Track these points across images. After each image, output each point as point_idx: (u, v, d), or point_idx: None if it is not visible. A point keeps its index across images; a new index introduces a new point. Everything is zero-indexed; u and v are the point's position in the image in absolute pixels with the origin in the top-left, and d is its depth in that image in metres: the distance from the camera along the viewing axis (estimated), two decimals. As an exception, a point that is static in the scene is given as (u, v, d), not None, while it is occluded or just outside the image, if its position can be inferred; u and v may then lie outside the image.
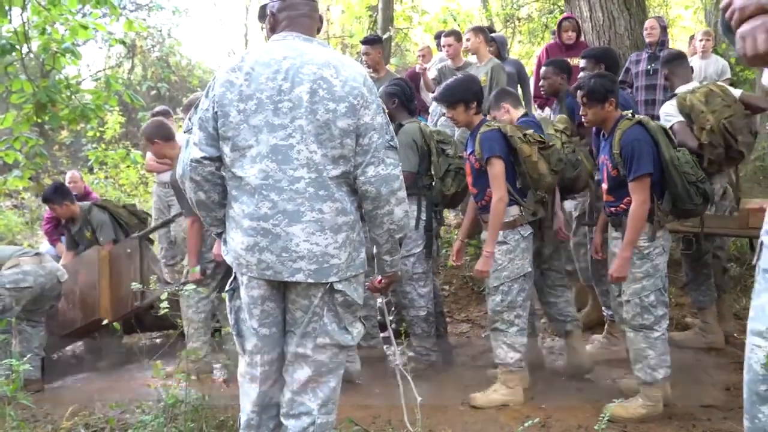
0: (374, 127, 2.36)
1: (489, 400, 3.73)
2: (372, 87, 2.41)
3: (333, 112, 2.29)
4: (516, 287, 3.75)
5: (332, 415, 2.51)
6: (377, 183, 2.36)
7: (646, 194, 3.38)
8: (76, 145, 14.53)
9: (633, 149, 3.37)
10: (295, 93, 2.30)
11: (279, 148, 2.30)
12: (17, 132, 6.05)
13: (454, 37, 6.57)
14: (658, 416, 3.48)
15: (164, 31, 18.01)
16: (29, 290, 4.69)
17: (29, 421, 3.79)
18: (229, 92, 2.33)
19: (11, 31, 5.99)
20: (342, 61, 2.40)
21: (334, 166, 2.33)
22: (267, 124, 2.30)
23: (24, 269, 4.71)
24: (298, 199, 2.31)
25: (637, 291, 3.48)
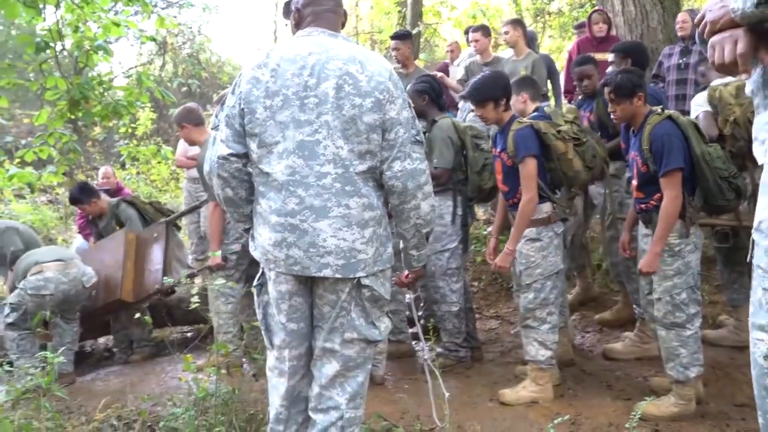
0: (400, 122, 2.35)
1: (518, 397, 3.71)
2: (397, 82, 2.40)
3: (359, 107, 2.29)
4: (549, 284, 3.73)
5: (360, 410, 2.52)
6: (404, 178, 2.36)
7: (677, 189, 3.32)
8: (109, 141, 14.76)
9: (663, 144, 3.32)
10: (321, 89, 2.30)
11: (305, 144, 2.31)
12: (51, 128, 6.16)
13: (482, 32, 6.52)
14: (690, 415, 3.43)
15: (194, 28, 18.18)
16: (51, 297, 4.76)
17: (63, 413, 3.86)
18: (255, 89, 2.34)
19: (45, 29, 6.09)
20: (367, 56, 2.40)
21: (360, 162, 2.33)
22: (293, 120, 2.31)
23: (46, 276, 4.79)
24: (325, 194, 2.31)
25: (668, 289, 3.43)
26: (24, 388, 3.14)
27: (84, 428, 3.60)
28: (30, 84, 6.55)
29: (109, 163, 11.48)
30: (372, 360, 2.59)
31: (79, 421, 3.80)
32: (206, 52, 18.19)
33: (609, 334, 4.78)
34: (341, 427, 2.44)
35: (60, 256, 5.00)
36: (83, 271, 5.00)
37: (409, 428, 3.38)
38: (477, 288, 5.82)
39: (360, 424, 2.55)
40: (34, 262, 4.90)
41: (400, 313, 4.51)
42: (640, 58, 4.45)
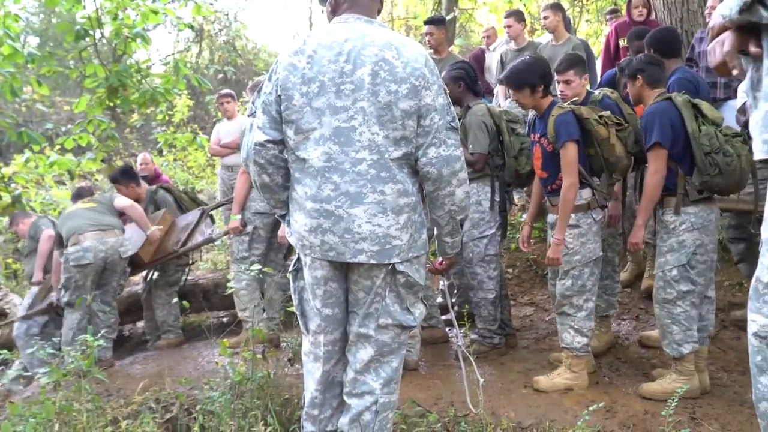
0: (435, 108, 2.34)
1: (553, 384, 3.68)
2: (433, 68, 2.39)
3: (395, 93, 2.29)
4: (587, 271, 3.69)
5: (394, 395, 2.53)
6: (439, 164, 2.34)
7: (657, 164, 3.45)
8: (146, 128, 14.96)
9: (647, 121, 3.50)
10: (357, 75, 2.30)
11: (341, 131, 2.31)
12: (91, 115, 6.25)
13: (515, 17, 6.42)
14: (726, 402, 3.39)
15: (230, 15, 18.29)
16: (91, 266, 4.91)
17: (103, 395, 3.94)
18: (292, 75, 2.34)
19: (85, 17, 6.17)
20: (403, 42, 2.38)
21: (395, 148, 2.33)
22: (329, 107, 2.31)
23: (84, 245, 4.92)
24: (360, 180, 2.32)
25: (660, 265, 3.52)
26: (65, 371, 3.21)
27: (123, 410, 3.67)
28: (70, 72, 6.66)
29: (147, 150, 11.64)
30: (406, 345, 2.60)
31: (118, 403, 3.88)
32: (242, 38, 18.32)
33: (645, 321, 4.71)
34: (376, 411, 2.46)
35: (98, 224, 5.07)
36: (121, 241, 5.10)
37: (442, 414, 3.37)
38: (511, 275, 5.78)
39: (394, 409, 2.57)
40: (72, 230, 5.01)
41: (429, 299, 4.50)
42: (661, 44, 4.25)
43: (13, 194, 6.41)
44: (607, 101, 3.96)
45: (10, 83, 5.69)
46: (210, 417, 3.29)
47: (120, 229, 5.21)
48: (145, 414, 3.46)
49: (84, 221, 5.07)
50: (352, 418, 2.47)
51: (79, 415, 3.04)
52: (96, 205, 5.28)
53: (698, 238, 3.44)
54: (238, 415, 3.18)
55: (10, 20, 5.98)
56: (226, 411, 3.19)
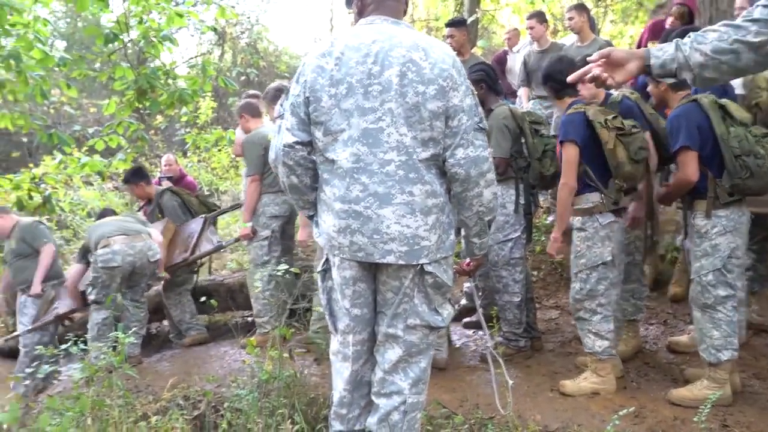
0: (463, 109, 2.35)
1: (579, 388, 3.67)
2: (461, 69, 2.39)
3: (422, 94, 2.30)
4: (594, 275, 3.66)
5: (423, 395, 2.54)
6: (466, 165, 2.35)
7: (685, 168, 3.41)
8: (171, 129, 15.10)
9: (672, 126, 3.46)
10: (384, 76, 2.31)
11: (369, 132, 2.32)
12: (120, 117, 6.34)
13: (537, 18, 6.41)
14: (759, 410, 3.35)
15: (252, 18, 18.40)
16: (119, 269, 5.00)
17: (132, 391, 4.00)
18: (320, 77, 2.36)
19: (112, 21, 6.26)
20: (430, 44, 2.39)
21: (423, 149, 2.34)
22: (357, 108, 2.33)
23: (113, 249, 5.01)
24: (389, 181, 2.33)
25: (696, 270, 3.48)
26: (97, 367, 3.27)
27: (152, 406, 3.73)
28: (99, 75, 6.75)
29: (171, 151, 11.75)
30: (434, 346, 2.62)
31: (147, 399, 3.94)
32: (264, 41, 18.40)
33: (674, 326, 4.68)
34: (404, 411, 2.47)
35: (125, 230, 5.18)
36: (149, 246, 5.19)
37: (468, 416, 3.38)
38: (537, 278, 5.77)
39: (422, 409, 2.58)
40: (101, 235, 5.11)
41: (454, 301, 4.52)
42: None
43: (43, 194, 6.51)
44: (626, 102, 3.90)
45: (40, 86, 5.77)
46: (237, 414, 3.33)
47: (148, 234, 5.28)
48: (173, 410, 3.51)
49: (113, 228, 5.21)
50: (381, 417, 2.49)
51: (110, 410, 3.09)
52: (126, 216, 5.43)
53: (732, 241, 3.39)
54: (265, 413, 3.22)
55: (40, 24, 6.08)
56: (254, 409, 3.23)
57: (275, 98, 4.82)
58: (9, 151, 15.68)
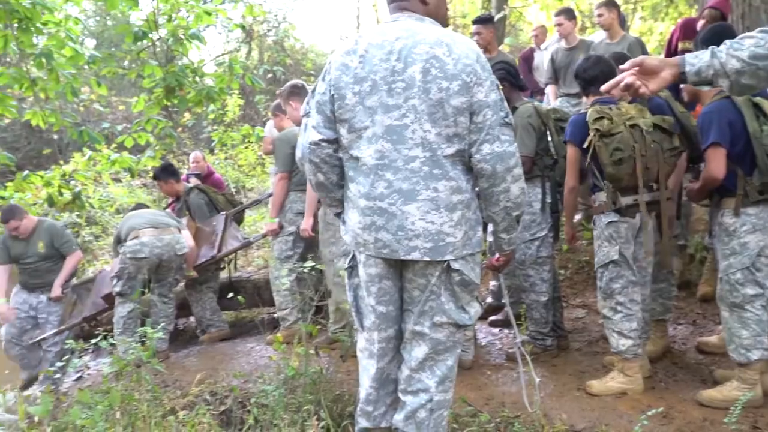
0: (488, 104, 2.32)
1: (606, 388, 3.63)
2: (485, 64, 2.36)
3: (446, 90, 2.28)
4: (607, 274, 3.66)
5: (449, 393, 2.53)
6: (492, 161, 2.32)
7: (711, 165, 3.37)
8: (198, 127, 15.25)
9: (703, 122, 3.42)
10: (408, 73, 2.30)
11: (394, 128, 2.32)
12: (148, 114, 6.41)
13: (565, 15, 6.35)
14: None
15: (279, 16, 18.49)
16: (146, 260, 5.07)
17: (160, 386, 4.05)
18: (344, 75, 2.38)
19: (141, 20, 6.34)
20: (454, 39, 2.36)
21: (448, 145, 2.32)
22: (381, 105, 2.33)
23: (142, 240, 5.08)
24: (413, 178, 2.32)
25: (724, 268, 3.43)
26: (126, 361, 3.31)
27: (180, 401, 3.76)
28: (128, 72, 6.84)
29: (199, 148, 11.86)
30: (461, 344, 2.60)
31: (174, 394, 3.98)
32: (290, 39, 18.48)
33: (702, 326, 4.61)
34: (430, 409, 2.46)
35: (155, 223, 5.25)
36: (177, 239, 5.25)
37: (494, 414, 3.37)
38: (563, 276, 5.73)
39: (449, 407, 2.57)
40: (131, 227, 5.19)
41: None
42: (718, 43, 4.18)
43: (73, 191, 6.61)
44: (656, 100, 3.86)
45: (71, 84, 5.86)
46: (263, 410, 3.35)
47: (177, 228, 5.34)
48: (200, 406, 3.54)
49: (143, 220, 5.27)
50: (407, 415, 2.48)
51: (139, 405, 3.13)
52: (158, 209, 5.48)
53: (761, 240, 3.34)
54: (291, 410, 3.23)
55: (71, 23, 6.17)
56: (280, 405, 3.24)
57: (290, 95, 4.86)
58: (40, 148, 15.95)
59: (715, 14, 5.30)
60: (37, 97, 5.97)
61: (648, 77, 1.97)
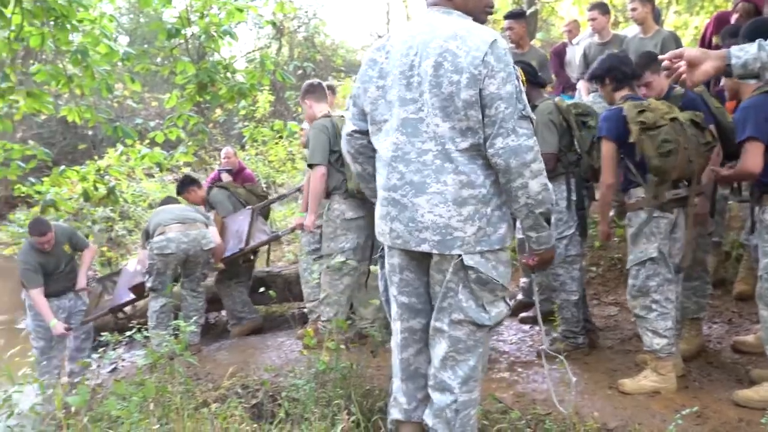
0: (501, 97, 2.25)
1: (639, 387, 3.59)
2: (501, 55, 2.28)
3: (456, 84, 2.26)
4: (643, 272, 3.59)
5: (475, 393, 2.51)
6: (506, 155, 2.27)
7: (747, 159, 3.30)
8: (229, 123, 15.39)
9: (740, 116, 3.35)
10: (422, 67, 2.33)
11: (409, 122, 2.36)
12: (180, 111, 6.48)
13: (599, 9, 6.26)
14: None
15: (310, 12, 18.57)
16: (173, 256, 5.13)
17: (192, 379, 4.09)
18: (371, 69, 2.47)
19: (174, 17, 6.40)
20: (470, 31, 2.31)
21: (462, 139, 2.31)
22: (399, 99, 2.37)
23: (168, 236, 5.14)
24: (425, 170, 2.34)
25: (765, 266, 3.34)
26: (160, 354, 3.35)
27: (212, 394, 3.81)
28: (161, 69, 6.92)
29: (230, 144, 11.96)
30: (484, 344, 2.53)
31: (206, 387, 4.03)
32: (321, 35, 18.55)
33: (738, 325, 4.54)
34: (456, 410, 2.46)
35: (181, 219, 5.30)
36: (203, 234, 5.29)
37: (525, 412, 3.35)
38: (595, 273, 5.67)
39: (476, 406, 2.55)
40: (158, 223, 5.27)
41: None
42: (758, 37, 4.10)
43: (107, 186, 6.71)
44: (690, 95, 3.81)
45: (105, 80, 5.95)
46: (294, 404, 3.37)
47: (204, 224, 5.39)
48: (232, 399, 3.58)
49: (170, 216, 5.32)
50: (436, 413, 2.49)
51: (172, 397, 3.17)
52: (186, 204, 5.53)
53: None
54: (322, 404, 3.25)
55: (106, 20, 6.26)
56: (310, 399, 3.26)
57: (306, 93, 4.99)
58: (75, 144, 16.24)
59: (750, 8, 5.19)
60: (72, 94, 6.06)
61: (689, 68, 1.94)
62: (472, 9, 2.46)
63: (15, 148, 6.16)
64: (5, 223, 11.18)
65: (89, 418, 2.99)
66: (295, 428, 3.13)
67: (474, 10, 2.46)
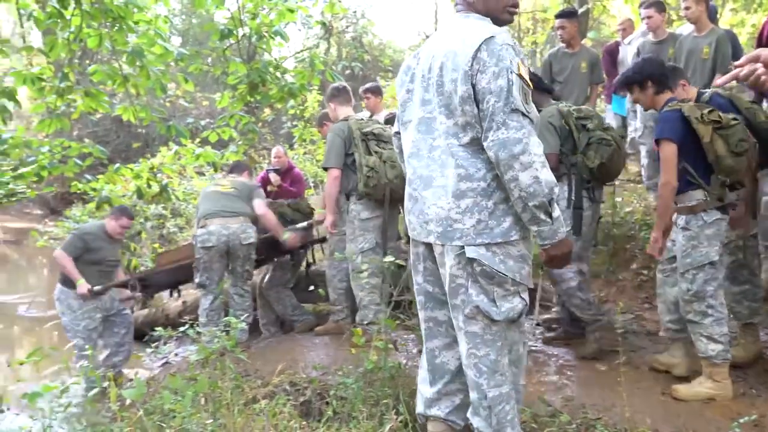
0: (491, 91, 2.27)
1: (694, 393, 3.52)
2: (495, 50, 2.28)
3: (454, 81, 2.37)
4: (701, 276, 3.52)
5: (504, 387, 2.44)
6: (495, 148, 2.27)
7: None
8: (277, 122, 15.57)
9: None
10: (433, 69, 2.46)
11: (424, 120, 2.51)
12: (232, 110, 6.57)
13: (656, 7, 6.12)
14: None
15: (358, 12, 18.65)
16: (215, 249, 5.20)
17: (242, 375, 4.14)
18: (404, 75, 2.65)
19: (227, 18, 6.50)
20: (473, 30, 2.38)
21: (464, 134, 2.40)
22: (420, 100, 2.53)
23: (209, 229, 5.22)
24: (432, 165, 2.47)
25: None
26: (212, 350, 3.40)
27: (261, 390, 3.85)
28: (213, 69, 7.03)
29: (279, 143, 12.08)
30: (504, 339, 2.44)
31: (255, 384, 4.07)
32: (369, 35, 18.61)
33: (798, 332, 4.40)
34: (488, 407, 2.43)
35: (224, 211, 5.33)
36: (243, 228, 5.32)
37: (574, 416, 3.30)
38: (647, 277, 5.56)
39: (511, 399, 2.46)
40: (202, 214, 5.35)
41: None
42: None
43: (160, 184, 6.85)
44: (716, 100, 3.77)
45: (160, 80, 6.07)
46: (342, 403, 3.39)
47: (246, 216, 5.40)
48: (280, 395, 3.61)
49: (213, 207, 5.35)
50: (474, 411, 2.50)
51: (223, 392, 3.21)
52: (232, 190, 5.51)
53: None
54: (370, 403, 3.26)
55: (161, 21, 6.39)
56: (358, 398, 3.28)
57: (331, 97, 5.19)
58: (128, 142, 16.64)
59: None
60: (127, 93, 6.20)
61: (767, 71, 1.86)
62: (492, 10, 2.52)
63: (73, 146, 6.32)
64: (61, 219, 11.48)
65: (144, 411, 3.05)
66: (343, 427, 3.15)
67: (494, 11, 2.52)
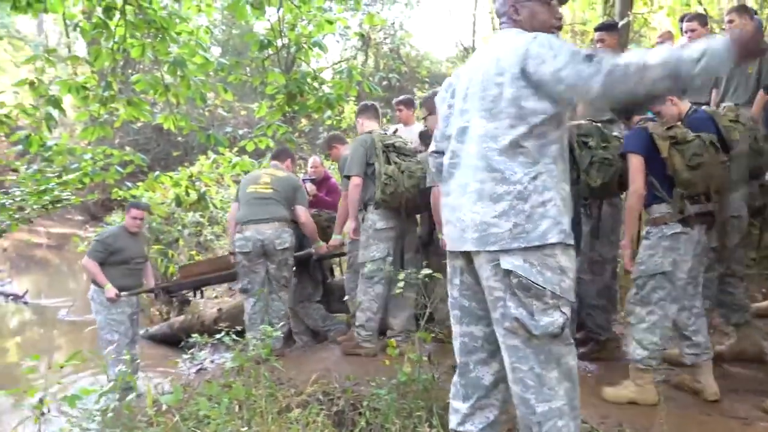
0: (558, 68, 2.28)
1: (618, 396, 3.72)
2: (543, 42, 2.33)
3: (500, 85, 2.38)
4: (651, 284, 3.65)
5: (555, 401, 2.36)
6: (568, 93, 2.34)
7: None
8: (314, 132, 15.70)
9: None
10: (473, 80, 2.50)
11: (463, 129, 2.51)
12: (270, 120, 6.64)
13: (699, 20, 6.02)
14: None
15: (396, 24, 18.73)
16: (252, 253, 5.26)
17: (276, 383, 4.16)
18: (445, 91, 2.70)
19: (267, 29, 6.58)
20: (516, 38, 2.45)
21: (504, 136, 2.37)
22: (460, 111, 2.55)
23: (245, 235, 5.29)
24: (469, 172, 2.45)
25: None
26: (248, 357, 3.43)
27: (294, 399, 3.86)
28: (253, 79, 7.11)
29: (316, 153, 12.17)
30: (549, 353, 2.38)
31: (288, 392, 4.08)
32: (406, 46, 18.68)
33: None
34: (538, 422, 2.38)
35: (259, 216, 5.35)
36: (278, 234, 5.32)
37: (610, 434, 3.25)
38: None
39: (565, 415, 2.37)
40: (240, 219, 5.42)
41: None
42: None
43: (199, 192, 6.95)
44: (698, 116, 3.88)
45: (200, 90, 6.17)
46: (375, 414, 3.38)
47: (283, 221, 5.40)
48: (313, 405, 3.62)
49: (248, 213, 5.37)
50: (523, 429, 2.46)
51: (257, 400, 3.23)
52: (271, 191, 5.47)
53: None
54: (403, 415, 3.25)
55: (202, 32, 6.50)
56: (392, 409, 3.27)
57: (359, 113, 5.45)
58: (168, 150, 16.93)
59: None
60: (167, 102, 6.31)
61: None
62: (537, 29, 2.52)
63: (115, 153, 6.46)
64: (102, 225, 11.71)
65: (180, 417, 3.08)
66: (376, 438, 3.15)
67: (539, 30, 2.50)
